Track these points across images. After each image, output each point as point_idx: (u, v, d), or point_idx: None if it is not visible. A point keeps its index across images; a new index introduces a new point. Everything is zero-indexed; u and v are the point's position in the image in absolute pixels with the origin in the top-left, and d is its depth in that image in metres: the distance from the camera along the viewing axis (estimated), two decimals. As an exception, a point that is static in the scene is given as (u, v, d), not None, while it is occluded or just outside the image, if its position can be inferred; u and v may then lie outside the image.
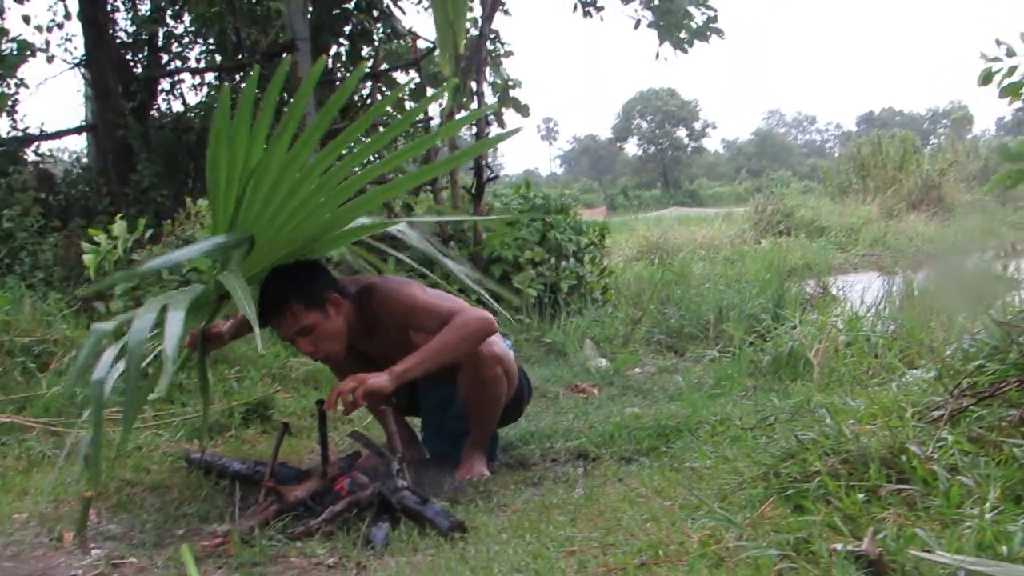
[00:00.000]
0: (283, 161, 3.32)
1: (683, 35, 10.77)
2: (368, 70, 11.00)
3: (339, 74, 11.24)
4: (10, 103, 10.64)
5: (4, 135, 10.26)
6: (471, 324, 3.75)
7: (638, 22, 10.94)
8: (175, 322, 2.97)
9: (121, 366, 3.08)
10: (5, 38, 10.59)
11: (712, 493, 3.04)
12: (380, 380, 3.57)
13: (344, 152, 3.62)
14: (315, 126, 3.33)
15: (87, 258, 6.19)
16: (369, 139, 3.62)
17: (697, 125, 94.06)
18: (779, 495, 2.80)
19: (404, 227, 4.01)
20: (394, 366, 3.64)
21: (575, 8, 11.33)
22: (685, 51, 10.81)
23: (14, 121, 10.83)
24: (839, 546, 2.25)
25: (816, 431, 3.07)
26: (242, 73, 11.39)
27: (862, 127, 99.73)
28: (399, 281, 3.97)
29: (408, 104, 10.89)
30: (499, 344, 4.02)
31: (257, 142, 3.32)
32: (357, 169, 3.60)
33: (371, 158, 4.07)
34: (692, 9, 10.72)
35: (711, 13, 10.78)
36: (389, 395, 3.86)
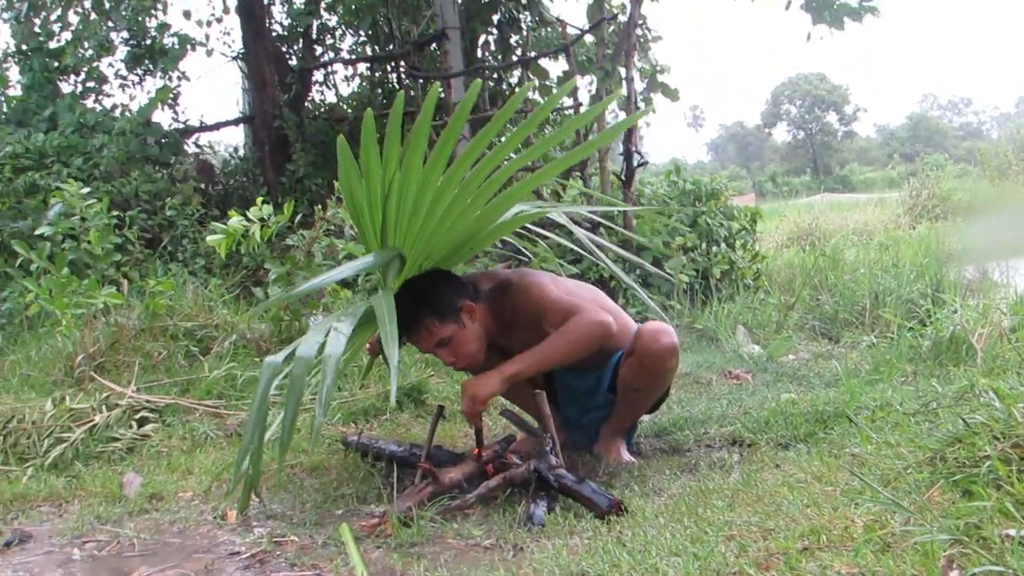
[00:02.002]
0: (420, 177, 3.38)
1: (836, 13, 10.51)
2: (516, 58, 11.08)
3: (488, 62, 11.34)
4: (172, 96, 11.02)
5: (166, 127, 10.62)
6: (582, 329, 3.65)
7: (789, 2, 10.67)
8: (337, 343, 3.09)
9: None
10: (167, 32, 10.98)
11: (875, 478, 2.97)
12: (490, 387, 3.60)
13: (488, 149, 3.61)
14: (443, 141, 3.36)
15: (212, 239, 6.12)
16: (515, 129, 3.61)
17: (848, 109, 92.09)
18: (946, 480, 2.72)
19: (561, 214, 4.00)
20: (503, 366, 3.65)
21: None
22: (841, 27, 10.53)
23: (176, 113, 11.27)
24: (1013, 531, 2.18)
25: (984, 415, 2.96)
26: (392, 64, 11.60)
27: (1021, 107, 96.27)
28: (531, 274, 3.92)
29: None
30: (675, 336, 3.93)
31: (390, 164, 3.39)
32: (505, 161, 3.61)
33: (519, 147, 4.06)
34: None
35: (865, -9, 10.52)
36: (537, 381, 3.89)
